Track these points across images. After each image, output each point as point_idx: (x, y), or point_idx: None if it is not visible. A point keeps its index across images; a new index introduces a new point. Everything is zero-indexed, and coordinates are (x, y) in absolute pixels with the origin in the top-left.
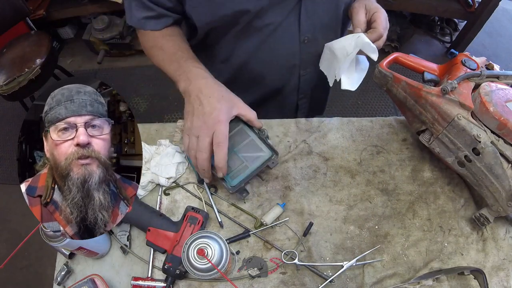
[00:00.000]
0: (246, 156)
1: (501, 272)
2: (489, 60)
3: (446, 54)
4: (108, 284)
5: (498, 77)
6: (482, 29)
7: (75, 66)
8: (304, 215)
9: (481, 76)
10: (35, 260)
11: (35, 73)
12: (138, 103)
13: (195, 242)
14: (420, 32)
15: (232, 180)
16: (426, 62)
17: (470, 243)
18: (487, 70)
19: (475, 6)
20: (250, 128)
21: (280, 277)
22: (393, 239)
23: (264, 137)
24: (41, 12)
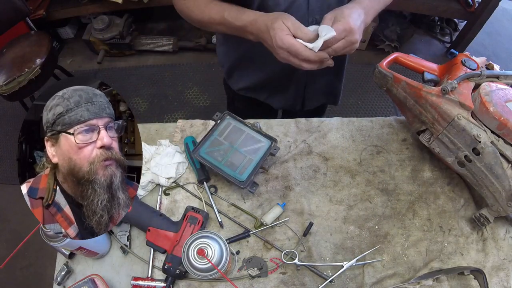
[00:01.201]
0: (247, 150)
1: (501, 272)
2: (489, 60)
3: (446, 54)
4: (108, 284)
5: (498, 77)
6: (482, 29)
7: (75, 66)
8: (304, 215)
9: (481, 76)
10: (35, 260)
11: (35, 73)
12: (138, 103)
13: (195, 242)
14: (420, 32)
15: (240, 176)
16: (426, 62)
17: (470, 243)
18: (487, 70)
19: (475, 6)
20: (242, 124)
21: (280, 277)
22: (393, 239)
23: (258, 129)
24: (41, 12)
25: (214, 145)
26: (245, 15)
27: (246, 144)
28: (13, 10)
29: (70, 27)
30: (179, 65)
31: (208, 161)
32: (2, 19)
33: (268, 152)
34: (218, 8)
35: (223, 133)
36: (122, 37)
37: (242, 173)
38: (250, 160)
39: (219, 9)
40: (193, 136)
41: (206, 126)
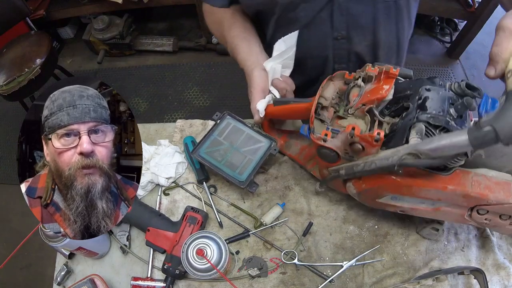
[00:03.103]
0: (247, 150)
1: (501, 271)
2: None
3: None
4: (108, 284)
5: None
6: (482, 29)
7: (75, 66)
8: (304, 215)
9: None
10: (35, 260)
11: (35, 73)
12: (138, 103)
13: (195, 242)
14: (420, 32)
15: (240, 176)
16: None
17: (470, 242)
18: None
19: (475, 6)
20: (242, 123)
21: (280, 277)
22: (393, 239)
23: (258, 129)
24: (41, 12)
25: (213, 145)
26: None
27: (246, 144)
28: (13, 10)
29: (70, 27)
30: (179, 65)
31: (207, 161)
32: (2, 19)
33: (267, 152)
34: (230, 41)
35: (223, 133)
36: (122, 37)
37: (242, 173)
38: (250, 160)
39: (231, 43)
40: (193, 136)
41: (205, 126)
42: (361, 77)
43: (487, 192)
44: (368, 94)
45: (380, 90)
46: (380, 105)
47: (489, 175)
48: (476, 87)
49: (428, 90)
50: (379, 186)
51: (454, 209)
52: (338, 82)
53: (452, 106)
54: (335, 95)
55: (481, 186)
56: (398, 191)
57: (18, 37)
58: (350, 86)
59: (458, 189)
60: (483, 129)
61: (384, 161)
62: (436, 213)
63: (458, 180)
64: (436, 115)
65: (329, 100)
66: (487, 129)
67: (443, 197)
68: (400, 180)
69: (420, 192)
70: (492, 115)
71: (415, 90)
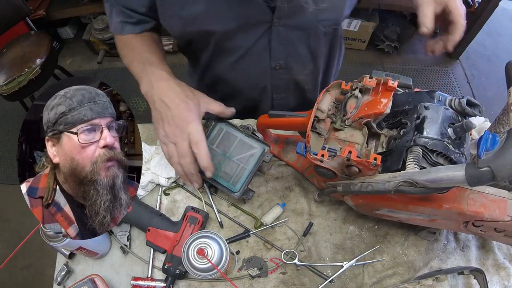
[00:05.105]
0: (240, 158)
1: (501, 271)
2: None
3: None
4: (108, 284)
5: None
6: (482, 29)
7: (75, 66)
8: (304, 215)
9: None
10: (35, 260)
11: (35, 73)
12: (138, 103)
13: (195, 242)
14: None
15: (234, 186)
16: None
17: (471, 241)
18: None
19: (475, 6)
20: (234, 129)
21: (280, 277)
22: (392, 239)
23: (250, 133)
24: (41, 12)
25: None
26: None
27: (238, 152)
28: (13, 10)
29: (70, 27)
30: (179, 65)
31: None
32: (2, 19)
33: (260, 159)
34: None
35: (215, 140)
36: None
37: (235, 184)
38: (243, 169)
39: (143, 45)
40: None
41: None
42: (358, 88)
43: (482, 210)
44: (365, 108)
45: (378, 104)
46: (378, 118)
47: (486, 192)
48: (476, 104)
49: (427, 108)
50: (375, 203)
51: (450, 221)
52: (335, 91)
53: (452, 126)
54: (332, 105)
55: (476, 205)
56: (394, 207)
57: (18, 37)
58: (347, 97)
59: (453, 207)
60: (481, 169)
61: (381, 185)
62: (432, 224)
63: (454, 198)
64: (434, 140)
65: (325, 112)
66: (485, 170)
67: (438, 213)
68: (396, 198)
69: (416, 209)
70: (491, 155)
71: (413, 105)
